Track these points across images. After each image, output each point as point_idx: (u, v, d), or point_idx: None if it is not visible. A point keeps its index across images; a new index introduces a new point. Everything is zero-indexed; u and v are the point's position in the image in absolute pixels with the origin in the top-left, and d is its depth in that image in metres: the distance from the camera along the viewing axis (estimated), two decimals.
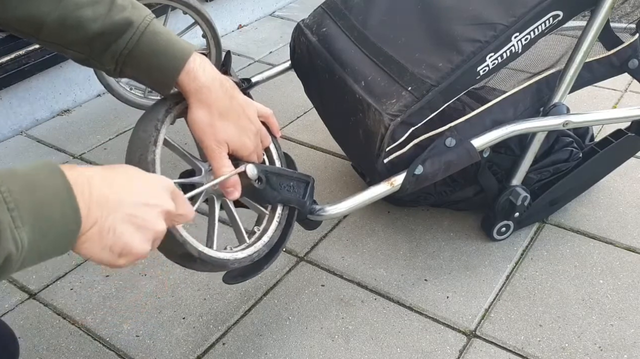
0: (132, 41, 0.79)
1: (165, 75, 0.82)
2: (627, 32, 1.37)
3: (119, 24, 0.78)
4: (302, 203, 1.04)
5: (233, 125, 0.86)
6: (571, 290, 1.34)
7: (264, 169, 0.94)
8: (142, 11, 0.81)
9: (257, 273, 1.01)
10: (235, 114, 0.87)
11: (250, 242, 0.99)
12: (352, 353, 1.22)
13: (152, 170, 0.82)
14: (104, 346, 1.25)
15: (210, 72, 0.84)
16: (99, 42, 0.78)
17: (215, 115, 0.85)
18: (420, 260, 1.43)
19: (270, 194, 0.97)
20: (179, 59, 0.81)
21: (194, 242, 0.85)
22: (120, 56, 0.79)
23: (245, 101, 0.90)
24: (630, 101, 2.01)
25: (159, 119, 0.86)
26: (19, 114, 1.97)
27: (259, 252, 0.98)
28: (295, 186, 1.03)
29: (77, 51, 0.80)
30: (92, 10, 0.77)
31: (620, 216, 1.53)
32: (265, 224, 1.02)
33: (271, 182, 0.96)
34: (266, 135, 0.96)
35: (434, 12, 1.23)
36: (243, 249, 0.96)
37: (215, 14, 2.39)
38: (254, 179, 0.91)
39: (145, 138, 0.84)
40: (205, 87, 0.83)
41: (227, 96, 0.86)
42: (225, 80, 0.87)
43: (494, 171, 1.38)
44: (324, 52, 1.32)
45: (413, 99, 1.14)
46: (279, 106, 2.05)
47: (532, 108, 1.27)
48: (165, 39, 0.81)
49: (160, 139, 0.86)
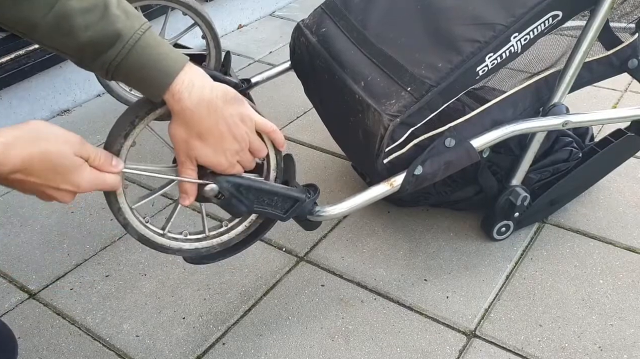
0: (120, 54, 0.78)
1: (152, 92, 0.82)
2: (627, 31, 1.37)
3: (109, 35, 0.77)
4: (280, 218, 1.03)
5: (209, 147, 0.86)
6: (571, 290, 1.34)
7: (235, 182, 0.93)
8: (135, 22, 0.79)
9: (210, 261, 1.06)
10: (216, 136, 0.85)
11: (208, 234, 1.02)
12: (352, 352, 1.22)
13: None
14: (104, 346, 1.25)
15: (198, 92, 0.82)
16: (89, 50, 0.78)
17: (192, 135, 0.84)
18: (420, 260, 1.43)
19: (235, 207, 0.96)
20: (166, 76, 0.80)
21: (138, 225, 0.94)
22: (109, 66, 0.79)
23: (241, 116, 0.87)
24: (630, 101, 2.01)
25: (138, 115, 0.88)
26: (19, 114, 1.97)
27: (210, 249, 1.02)
28: (278, 201, 1.01)
29: (69, 55, 0.80)
30: (84, 19, 0.76)
31: (620, 216, 1.53)
32: (234, 223, 1.03)
33: (241, 196, 0.95)
34: (260, 148, 0.93)
35: (433, 12, 1.23)
36: (196, 241, 1.01)
37: (215, 14, 2.39)
38: (212, 196, 0.92)
39: (119, 128, 0.88)
40: (188, 110, 0.82)
41: (212, 119, 0.84)
42: (219, 96, 0.84)
43: (494, 171, 1.38)
44: (324, 53, 1.32)
45: (412, 99, 1.14)
46: (279, 106, 2.05)
47: (531, 108, 1.27)
48: (156, 52, 0.80)
49: (134, 135, 0.88)
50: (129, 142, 0.88)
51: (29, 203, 1.65)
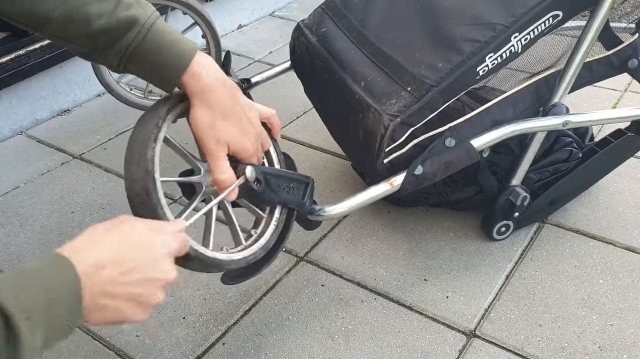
0: (137, 39, 0.79)
1: (169, 74, 0.82)
2: (627, 31, 1.37)
3: (125, 21, 0.78)
4: (301, 204, 1.04)
5: (235, 126, 0.86)
6: (571, 290, 1.34)
7: (263, 171, 0.94)
8: (147, 9, 0.81)
9: (255, 274, 1.01)
10: (237, 116, 0.87)
11: (246, 244, 0.99)
12: (352, 352, 1.22)
13: (150, 167, 0.81)
14: (104, 346, 1.25)
15: (214, 73, 0.84)
16: (104, 38, 0.79)
17: (217, 116, 0.85)
18: (420, 260, 1.43)
19: (268, 196, 0.97)
20: (183, 58, 0.81)
21: (191, 242, 0.84)
22: (125, 53, 0.80)
23: (247, 103, 0.90)
24: (630, 101, 2.01)
25: (160, 116, 0.86)
26: (19, 114, 1.97)
27: (255, 255, 0.98)
28: (294, 187, 1.03)
29: (81, 45, 0.80)
30: (98, 7, 0.77)
31: (620, 216, 1.53)
32: (262, 227, 1.02)
33: (270, 184, 0.96)
34: (266, 138, 0.96)
35: (433, 12, 1.23)
36: (239, 251, 0.96)
37: (215, 14, 2.39)
38: (252, 181, 0.91)
39: (145, 135, 0.84)
40: (209, 88, 0.83)
41: (230, 97, 0.86)
42: (228, 80, 0.87)
43: (494, 171, 1.38)
44: (324, 53, 1.32)
45: (412, 99, 1.14)
46: (279, 106, 2.04)
47: (531, 108, 1.27)
48: (170, 37, 0.81)
49: (161, 137, 0.85)
50: (159, 147, 0.85)
51: (29, 203, 1.66)
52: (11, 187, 1.73)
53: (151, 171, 0.82)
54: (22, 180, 1.75)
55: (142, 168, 0.81)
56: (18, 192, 1.71)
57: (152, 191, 0.81)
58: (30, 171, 1.79)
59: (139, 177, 0.81)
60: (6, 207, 1.65)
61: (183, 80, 0.82)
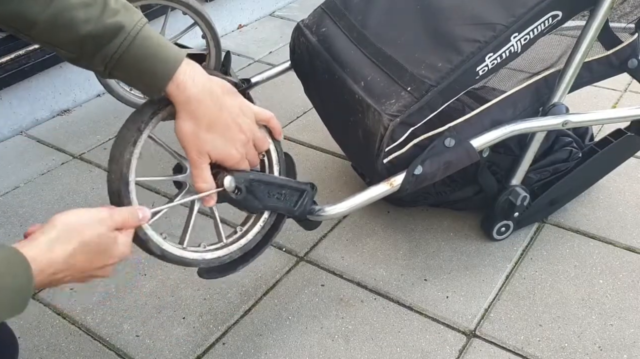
0: (122, 46, 0.78)
1: (155, 82, 0.81)
2: (627, 31, 1.37)
3: (111, 28, 0.77)
4: (290, 211, 1.04)
5: (219, 137, 0.86)
6: (571, 290, 1.34)
7: (247, 178, 0.94)
8: (134, 15, 0.80)
9: (230, 272, 1.02)
10: (223, 126, 0.85)
11: (226, 241, 1.00)
12: (352, 352, 1.22)
13: (125, 170, 0.85)
14: (104, 346, 1.25)
15: (200, 82, 0.83)
16: (90, 44, 0.78)
17: (201, 127, 0.84)
18: (420, 260, 1.43)
19: (250, 203, 0.97)
20: (168, 68, 0.80)
21: (159, 240, 0.89)
22: (110, 60, 0.79)
23: (241, 107, 0.88)
24: (630, 101, 2.01)
25: (143, 120, 0.87)
26: (19, 114, 1.97)
27: (231, 256, 0.99)
28: (286, 194, 1.02)
29: (69, 51, 0.79)
30: (85, 12, 0.76)
31: (620, 216, 1.53)
32: (248, 226, 1.03)
33: (254, 191, 0.96)
34: (262, 140, 0.94)
35: (433, 12, 1.23)
36: (215, 250, 0.98)
37: (215, 14, 2.39)
38: (231, 191, 0.92)
39: (126, 138, 0.86)
40: (194, 99, 0.82)
41: (217, 107, 0.84)
42: (218, 86, 0.85)
43: (494, 170, 1.38)
44: (324, 53, 1.32)
45: (412, 99, 1.14)
46: (279, 106, 2.05)
47: (531, 108, 1.27)
48: (156, 44, 0.80)
49: (142, 140, 0.87)
50: (138, 150, 0.87)
51: (29, 203, 1.66)
52: (11, 187, 1.73)
53: (125, 174, 0.85)
54: (22, 180, 1.75)
55: (118, 169, 0.85)
56: (18, 192, 1.71)
57: (123, 194, 0.86)
58: (30, 171, 1.79)
59: (115, 177, 0.85)
60: (6, 207, 1.65)
61: (168, 90, 0.81)
